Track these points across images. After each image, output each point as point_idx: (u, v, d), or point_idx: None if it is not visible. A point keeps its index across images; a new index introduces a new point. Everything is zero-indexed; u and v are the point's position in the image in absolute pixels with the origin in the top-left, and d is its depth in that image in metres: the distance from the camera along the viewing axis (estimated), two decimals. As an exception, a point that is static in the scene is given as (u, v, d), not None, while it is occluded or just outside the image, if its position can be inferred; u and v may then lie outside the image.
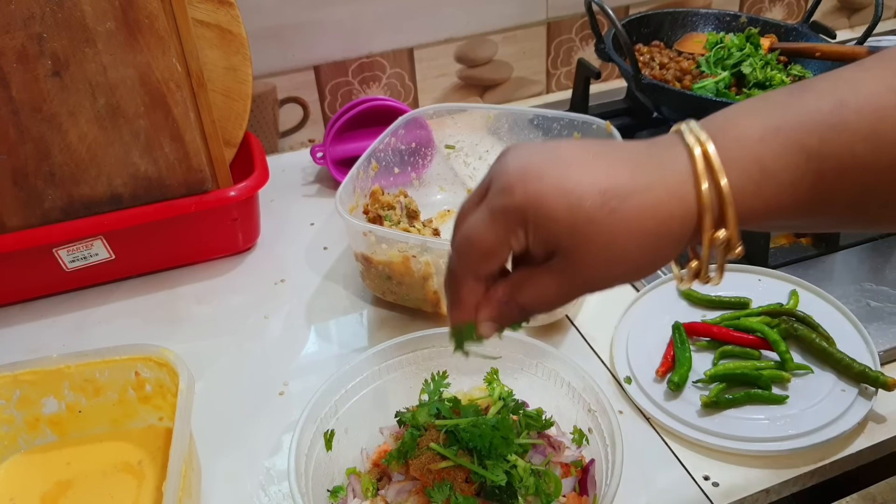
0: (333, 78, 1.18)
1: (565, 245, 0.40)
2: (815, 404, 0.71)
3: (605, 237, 0.39)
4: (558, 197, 0.39)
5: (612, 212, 0.39)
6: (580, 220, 0.39)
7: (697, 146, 0.39)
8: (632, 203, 0.39)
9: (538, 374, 0.68)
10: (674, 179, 0.39)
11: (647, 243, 0.40)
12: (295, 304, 0.90)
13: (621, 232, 0.39)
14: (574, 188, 0.39)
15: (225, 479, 0.70)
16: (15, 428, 0.71)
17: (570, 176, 0.40)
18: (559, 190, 0.39)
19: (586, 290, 0.43)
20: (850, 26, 1.51)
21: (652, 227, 0.39)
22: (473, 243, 0.43)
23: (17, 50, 0.77)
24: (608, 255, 0.40)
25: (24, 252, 0.85)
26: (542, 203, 0.40)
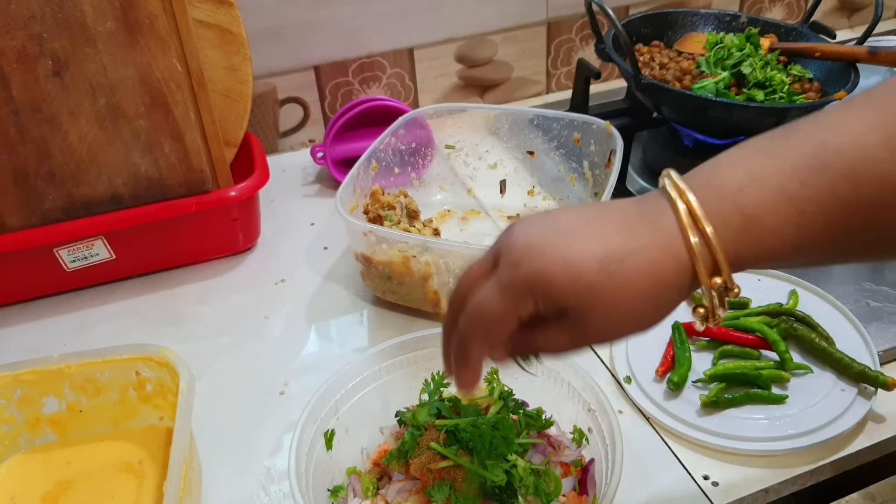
0: (333, 78, 1.18)
1: (572, 309, 0.43)
2: (814, 404, 0.71)
3: (608, 299, 0.42)
4: (560, 268, 0.42)
5: (612, 275, 0.41)
6: (582, 287, 0.42)
7: (680, 200, 0.42)
8: (628, 265, 0.41)
9: (538, 373, 0.68)
10: (664, 235, 0.42)
11: (649, 300, 0.42)
12: (295, 304, 0.90)
13: (623, 293, 0.42)
14: (573, 258, 0.42)
15: (225, 478, 0.70)
16: (16, 428, 0.71)
17: (569, 246, 0.42)
18: (560, 261, 0.42)
19: (597, 343, 0.47)
20: (850, 26, 1.51)
21: (650, 284, 0.42)
22: (485, 313, 0.45)
23: (18, 50, 0.77)
24: (613, 314, 0.42)
25: (25, 252, 0.85)
26: (545, 276, 0.42)
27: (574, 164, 0.99)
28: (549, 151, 1.00)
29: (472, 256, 0.77)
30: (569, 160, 0.99)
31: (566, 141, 0.98)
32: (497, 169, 1.03)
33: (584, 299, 0.42)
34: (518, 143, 1.01)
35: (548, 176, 1.02)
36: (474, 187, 1.04)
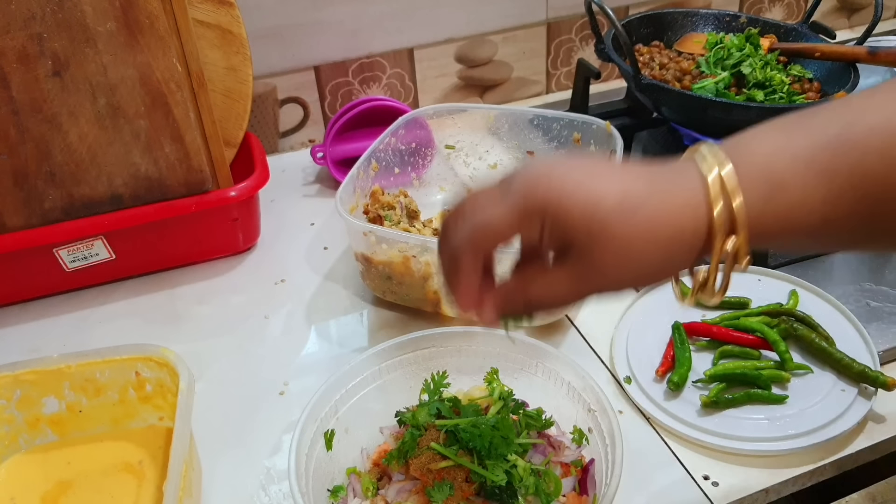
0: (333, 78, 1.18)
1: (581, 243, 0.41)
2: (814, 404, 0.71)
3: (621, 239, 0.41)
4: (578, 196, 0.41)
5: (629, 216, 0.41)
6: (597, 220, 0.41)
7: (707, 160, 0.41)
8: (648, 209, 0.41)
9: (538, 374, 0.68)
10: (686, 191, 0.41)
11: (661, 248, 0.41)
12: (295, 304, 0.90)
13: (636, 235, 0.41)
14: (593, 191, 0.41)
15: (225, 478, 0.70)
16: (15, 428, 0.71)
17: (590, 180, 0.42)
18: (580, 190, 0.41)
19: (596, 291, 0.44)
20: (849, 26, 1.51)
21: (665, 234, 0.41)
22: (486, 226, 0.43)
23: (18, 50, 0.77)
24: (622, 256, 0.41)
25: (25, 252, 0.85)
26: (562, 200, 0.41)
27: (574, 164, 0.99)
28: (549, 151, 1.00)
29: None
30: (569, 160, 0.99)
31: (566, 141, 0.98)
32: (497, 169, 1.03)
33: (595, 234, 0.41)
34: (518, 143, 1.01)
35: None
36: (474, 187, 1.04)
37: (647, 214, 0.41)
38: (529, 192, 0.42)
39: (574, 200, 0.41)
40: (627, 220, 0.41)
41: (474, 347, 0.70)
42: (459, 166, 1.04)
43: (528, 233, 0.43)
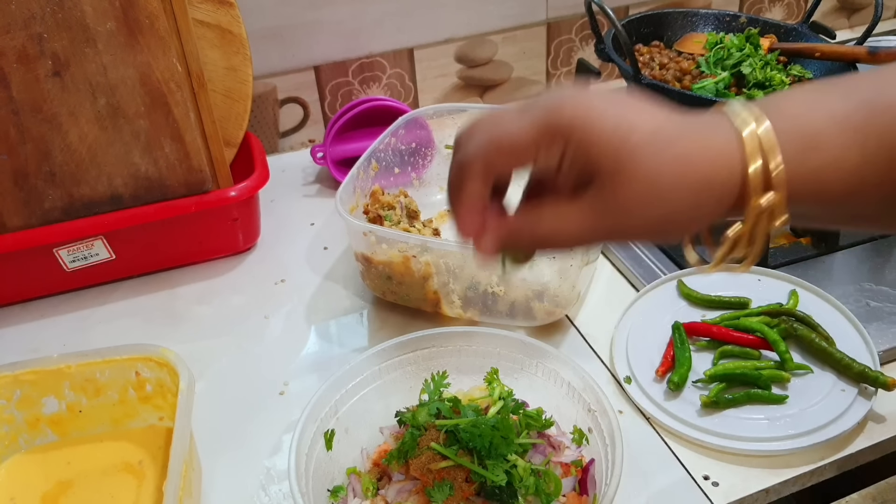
0: (333, 78, 1.18)
1: (605, 171, 0.39)
2: (814, 404, 0.71)
3: (649, 172, 0.38)
4: (609, 121, 0.38)
5: (661, 149, 0.38)
6: (627, 147, 0.38)
7: (744, 114, 0.39)
8: (680, 147, 0.39)
9: (538, 374, 0.68)
10: (722, 142, 0.39)
11: (690, 191, 0.39)
12: (295, 304, 0.90)
13: (666, 171, 0.38)
14: (626, 119, 0.39)
15: (225, 478, 0.70)
16: (15, 428, 0.71)
17: (622, 109, 0.39)
18: (611, 116, 0.39)
19: (612, 232, 0.40)
20: (849, 26, 1.51)
21: (696, 176, 0.39)
22: (501, 138, 0.40)
23: (18, 50, 0.77)
24: (648, 192, 0.38)
25: (25, 252, 0.85)
26: (591, 123, 0.38)
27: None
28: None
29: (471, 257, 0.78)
30: (569, 160, 0.99)
31: (566, 141, 0.98)
32: (497, 169, 1.03)
33: (623, 162, 0.38)
34: (518, 144, 1.01)
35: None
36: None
37: (678, 152, 0.38)
38: (556, 110, 0.39)
39: (604, 124, 0.38)
40: (659, 153, 0.38)
41: (474, 347, 0.70)
42: (459, 166, 1.04)
43: (547, 154, 0.40)
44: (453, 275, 0.80)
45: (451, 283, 0.80)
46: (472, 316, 0.83)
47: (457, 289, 0.81)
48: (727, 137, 0.39)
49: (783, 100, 0.40)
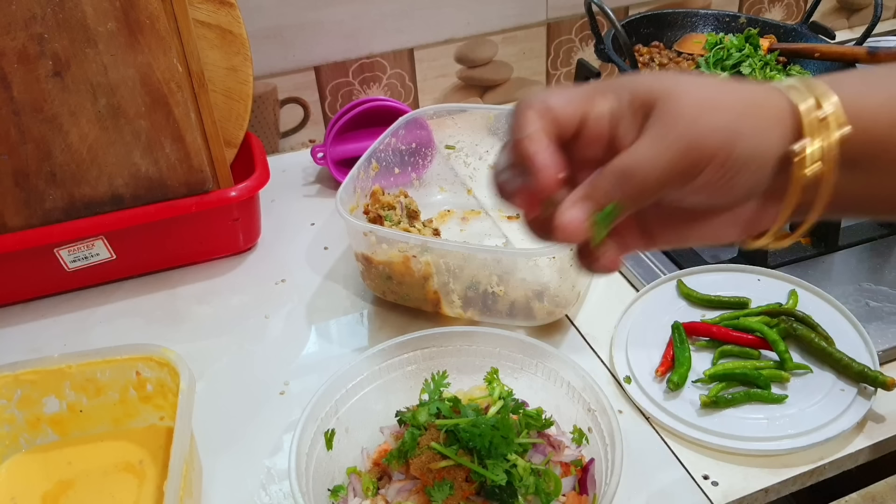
0: (334, 78, 1.18)
1: (662, 94, 0.39)
2: (814, 404, 0.71)
3: (703, 85, 0.40)
4: (655, 76, 0.41)
5: (711, 80, 0.40)
6: (680, 80, 0.40)
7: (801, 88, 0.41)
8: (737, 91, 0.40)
9: (538, 373, 0.68)
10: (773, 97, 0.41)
11: (745, 104, 0.40)
12: (295, 304, 0.90)
13: (717, 87, 0.40)
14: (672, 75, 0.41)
15: (226, 478, 0.70)
16: (16, 427, 0.71)
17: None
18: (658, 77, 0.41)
19: (684, 151, 0.39)
20: (849, 27, 1.51)
21: (749, 96, 0.40)
22: (558, 90, 0.41)
23: (18, 50, 0.77)
24: (706, 98, 0.39)
25: (26, 252, 0.85)
26: (639, 77, 0.41)
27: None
28: (549, 152, 1.00)
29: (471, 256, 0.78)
30: (569, 160, 0.99)
31: (566, 141, 0.98)
32: (497, 169, 1.03)
33: (678, 83, 0.40)
34: (518, 144, 1.01)
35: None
36: (474, 187, 1.04)
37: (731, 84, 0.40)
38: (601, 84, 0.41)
39: (651, 77, 0.40)
40: (711, 81, 0.40)
41: (474, 347, 0.70)
42: (459, 166, 1.04)
43: (602, 101, 0.40)
44: (453, 275, 0.80)
45: (451, 283, 0.81)
46: (472, 316, 0.83)
47: (457, 289, 0.81)
48: (779, 96, 0.41)
49: (835, 78, 0.41)
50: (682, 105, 0.39)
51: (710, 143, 0.39)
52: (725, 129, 0.39)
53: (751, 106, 0.40)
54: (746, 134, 0.39)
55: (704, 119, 0.39)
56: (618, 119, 0.41)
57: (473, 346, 0.70)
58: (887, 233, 0.92)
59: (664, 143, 0.39)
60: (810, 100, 0.40)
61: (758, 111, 0.40)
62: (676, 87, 0.40)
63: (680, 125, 0.39)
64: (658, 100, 0.40)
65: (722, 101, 0.40)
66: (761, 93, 0.41)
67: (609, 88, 0.41)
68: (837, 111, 0.39)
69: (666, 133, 0.39)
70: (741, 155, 0.39)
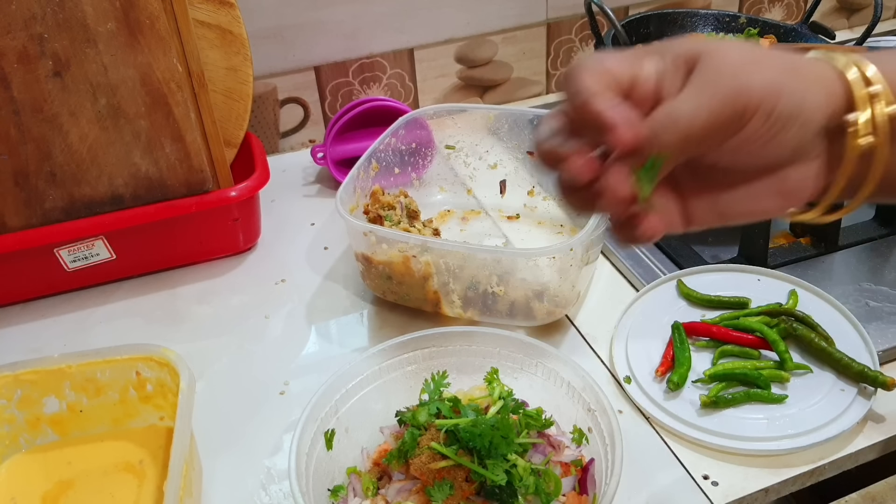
0: (334, 78, 1.18)
1: (706, 50, 0.40)
2: (814, 404, 0.71)
3: (748, 52, 0.40)
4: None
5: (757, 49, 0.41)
6: (722, 43, 0.41)
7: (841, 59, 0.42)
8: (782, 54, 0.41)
9: (538, 373, 0.68)
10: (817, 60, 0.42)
11: (789, 68, 0.40)
12: (295, 304, 0.90)
13: (761, 51, 0.41)
14: None
15: (226, 478, 0.70)
16: (16, 427, 0.71)
17: None
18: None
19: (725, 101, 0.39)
20: (849, 27, 1.51)
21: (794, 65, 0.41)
22: (611, 52, 0.42)
23: (18, 50, 0.77)
24: (748, 56, 0.40)
25: (26, 252, 0.85)
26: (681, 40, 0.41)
27: (574, 164, 0.99)
28: (548, 152, 1.00)
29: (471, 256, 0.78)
30: (569, 160, 0.99)
31: (566, 141, 0.98)
32: (497, 169, 1.03)
33: (721, 43, 0.40)
34: (518, 144, 1.01)
35: (548, 176, 1.02)
36: (474, 187, 1.04)
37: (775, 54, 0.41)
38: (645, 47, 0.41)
39: (693, 39, 0.41)
40: (751, 47, 0.41)
41: (474, 347, 0.70)
42: (459, 166, 1.04)
43: (650, 61, 0.40)
44: (453, 275, 0.80)
45: (451, 283, 0.81)
46: (472, 316, 0.83)
47: (457, 289, 0.81)
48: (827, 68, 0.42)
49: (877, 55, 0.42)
50: (724, 61, 0.40)
51: (754, 93, 0.39)
52: (769, 84, 0.39)
53: (792, 66, 0.41)
54: (789, 90, 0.40)
55: (747, 73, 0.39)
56: (662, 78, 0.41)
57: (473, 346, 0.70)
58: (887, 233, 0.92)
59: (708, 92, 0.39)
60: (853, 69, 0.41)
61: (800, 71, 0.41)
62: (719, 47, 0.40)
63: (724, 77, 0.39)
64: (701, 56, 0.40)
65: (763, 60, 0.40)
66: (800, 58, 0.42)
67: (653, 50, 0.41)
68: (884, 85, 0.40)
69: (710, 83, 0.39)
70: (785, 109, 0.40)
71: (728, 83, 0.39)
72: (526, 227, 1.00)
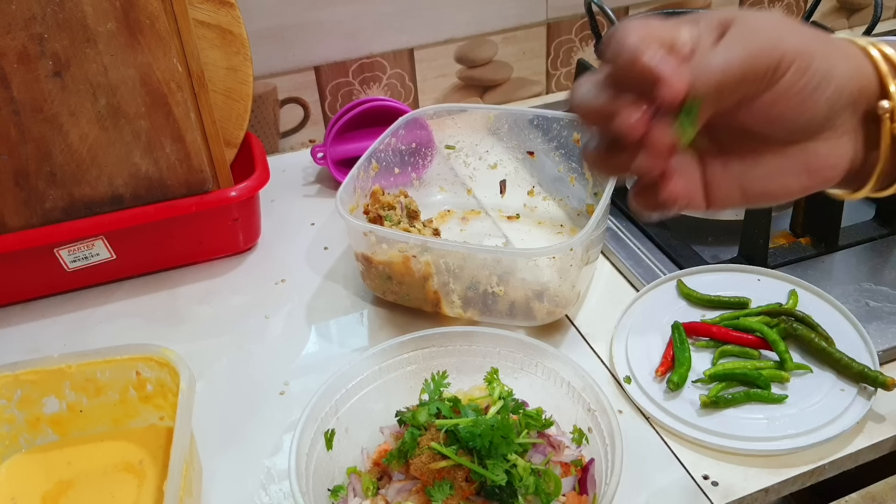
0: (334, 78, 1.18)
1: (740, 15, 0.41)
2: (814, 404, 0.71)
3: (779, 19, 0.41)
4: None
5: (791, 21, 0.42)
6: (757, 11, 0.44)
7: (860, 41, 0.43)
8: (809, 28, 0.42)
9: (538, 373, 0.68)
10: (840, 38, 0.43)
11: (818, 37, 0.41)
12: (295, 304, 0.90)
13: (794, 24, 0.42)
14: None
15: (226, 478, 0.70)
16: (16, 427, 0.71)
17: None
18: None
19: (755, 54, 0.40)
20: (849, 27, 1.51)
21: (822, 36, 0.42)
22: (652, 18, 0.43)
23: (18, 50, 0.77)
24: (780, 20, 0.41)
25: (26, 252, 0.85)
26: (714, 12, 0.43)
27: (574, 164, 0.99)
28: (548, 152, 1.00)
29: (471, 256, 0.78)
30: (569, 160, 0.99)
31: (566, 141, 0.98)
32: (497, 169, 1.03)
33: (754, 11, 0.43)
34: (518, 144, 1.01)
35: (548, 176, 1.02)
36: (474, 187, 1.04)
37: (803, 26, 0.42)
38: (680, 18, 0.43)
39: (725, 9, 0.43)
40: (781, 17, 0.42)
41: (474, 347, 0.70)
42: (459, 166, 1.04)
43: (684, 30, 0.41)
44: (453, 275, 0.80)
45: (451, 283, 0.81)
46: (472, 316, 0.83)
47: (457, 289, 0.81)
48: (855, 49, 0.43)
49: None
50: (758, 23, 0.41)
51: (788, 49, 0.40)
52: (803, 44, 0.41)
53: (823, 36, 0.42)
54: (822, 54, 0.41)
55: (780, 33, 0.41)
56: (697, 41, 0.41)
57: (473, 346, 0.70)
58: (887, 233, 0.92)
59: (744, 43, 0.40)
60: (873, 49, 0.42)
61: (831, 42, 0.42)
62: (752, 13, 0.42)
63: (758, 34, 0.40)
64: (735, 19, 0.41)
65: (796, 26, 0.41)
66: (827, 34, 0.43)
67: (688, 19, 0.42)
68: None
69: (743, 39, 0.40)
70: (819, 68, 0.41)
71: (762, 38, 0.40)
72: (526, 227, 1.00)
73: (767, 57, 0.40)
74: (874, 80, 0.42)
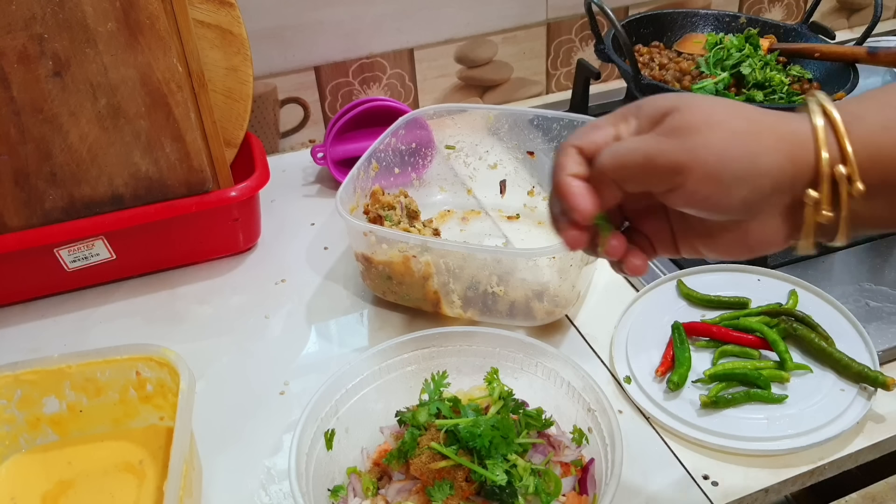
0: (334, 78, 1.18)
1: (672, 104, 0.43)
2: (814, 404, 0.71)
3: (706, 102, 0.43)
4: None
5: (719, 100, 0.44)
6: (692, 97, 0.44)
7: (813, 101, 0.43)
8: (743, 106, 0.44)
9: (538, 373, 0.68)
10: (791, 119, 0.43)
11: (749, 122, 0.42)
12: (295, 304, 0.90)
13: (723, 105, 0.43)
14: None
15: (226, 478, 0.70)
16: (16, 427, 0.71)
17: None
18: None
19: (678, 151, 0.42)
20: (849, 27, 1.51)
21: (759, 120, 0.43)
22: (587, 125, 0.48)
23: (19, 50, 0.77)
24: (710, 112, 0.42)
25: (26, 252, 0.85)
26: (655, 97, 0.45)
27: (574, 164, 0.99)
28: (548, 152, 1.00)
29: (471, 256, 0.78)
30: (569, 160, 0.99)
31: (566, 141, 0.98)
32: (497, 169, 1.03)
33: (687, 98, 0.43)
34: (518, 144, 1.01)
35: (548, 176, 1.02)
36: (474, 187, 1.04)
37: (740, 107, 0.43)
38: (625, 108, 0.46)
39: (673, 95, 0.45)
40: (718, 100, 0.44)
41: (474, 347, 0.70)
42: (459, 166, 1.04)
43: (624, 127, 0.46)
44: (453, 275, 0.80)
45: (451, 283, 0.81)
46: (472, 316, 0.83)
47: (457, 289, 0.81)
48: (799, 122, 0.43)
49: (851, 102, 0.43)
50: (692, 117, 0.43)
51: (699, 156, 0.42)
52: (718, 150, 0.42)
53: (756, 129, 0.42)
54: (739, 154, 0.42)
55: (702, 136, 0.42)
56: (626, 132, 0.46)
57: (473, 346, 0.70)
58: (887, 233, 0.92)
59: (655, 141, 0.43)
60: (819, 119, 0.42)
61: (761, 135, 0.42)
62: (695, 102, 0.43)
63: (678, 133, 0.42)
64: (671, 112, 0.43)
65: (725, 123, 0.42)
66: (774, 119, 0.43)
67: (633, 108, 0.46)
68: (854, 165, 0.41)
69: (664, 133, 0.43)
70: (734, 173, 0.42)
71: (675, 141, 0.42)
72: (526, 227, 1.00)
73: (667, 160, 0.42)
74: (810, 166, 0.42)
